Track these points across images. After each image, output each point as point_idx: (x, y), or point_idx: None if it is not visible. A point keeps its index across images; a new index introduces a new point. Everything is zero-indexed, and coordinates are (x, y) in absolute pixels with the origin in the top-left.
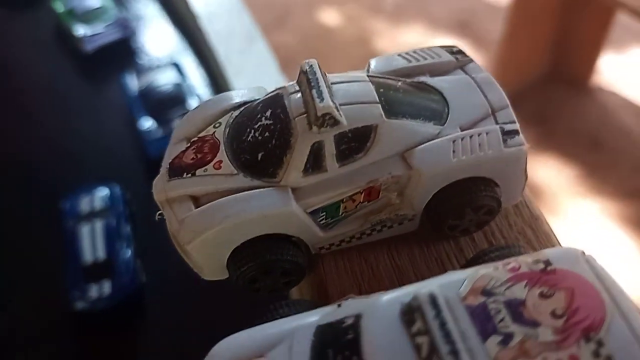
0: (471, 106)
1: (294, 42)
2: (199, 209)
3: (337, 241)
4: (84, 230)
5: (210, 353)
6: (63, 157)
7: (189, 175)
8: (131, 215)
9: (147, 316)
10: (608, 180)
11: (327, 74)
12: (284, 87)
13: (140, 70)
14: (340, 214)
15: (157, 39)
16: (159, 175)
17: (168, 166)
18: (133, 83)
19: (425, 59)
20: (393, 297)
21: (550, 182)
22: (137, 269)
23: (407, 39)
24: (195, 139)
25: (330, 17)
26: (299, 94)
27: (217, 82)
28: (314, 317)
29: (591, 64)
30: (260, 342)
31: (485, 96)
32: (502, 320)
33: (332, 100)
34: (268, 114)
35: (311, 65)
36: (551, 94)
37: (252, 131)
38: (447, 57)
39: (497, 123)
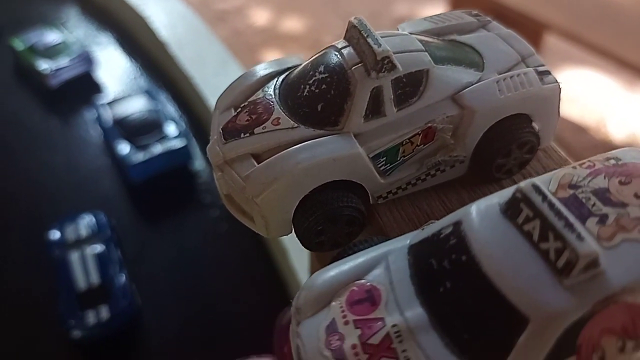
0: (503, 55)
1: None
2: (265, 161)
3: (394, 188)
4: (74, 257)
5: (306, 284)
6: (41, 190)
7: (247, 134)
8: (118, 240)
9: (147, 342)
10: None
11: None
12: (331, 45)
13: (112, 100)
14: (399, 158)
15: (123, 69)
16: (211, 142)
17: (221, 131)
18: (107, 113)
19: (450, 21)
20: (487, 202)
21: None
22: (133, 292)
23: None
24: (245, 103)
25: (273, 58)
26: (350, 48)
27: (193, 104)
28: (401, 242)
29: None
30: (354, 269)
31: (513, 47)
32: (594, 205)
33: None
34: (321, 69)
35: (360, 20)
36: None
37: (308, 86)
38: (469, 18)
39: (528, 67)
